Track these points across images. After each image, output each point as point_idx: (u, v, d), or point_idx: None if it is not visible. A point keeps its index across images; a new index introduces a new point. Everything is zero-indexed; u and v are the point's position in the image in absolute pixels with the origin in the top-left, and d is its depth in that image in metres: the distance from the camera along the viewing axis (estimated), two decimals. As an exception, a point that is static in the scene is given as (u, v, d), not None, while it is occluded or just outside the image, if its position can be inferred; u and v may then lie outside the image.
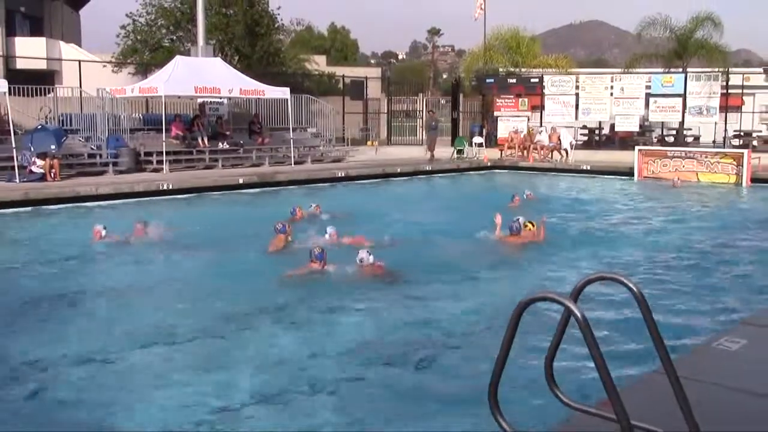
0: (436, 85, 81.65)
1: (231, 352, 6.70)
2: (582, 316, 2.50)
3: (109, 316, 7.86)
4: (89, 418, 5.28)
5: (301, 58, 39.64)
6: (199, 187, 18.79)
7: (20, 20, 40.81)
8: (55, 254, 11.02)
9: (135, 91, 22.39)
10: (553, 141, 26.38)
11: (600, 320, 7.04)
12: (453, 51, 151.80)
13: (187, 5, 30.39)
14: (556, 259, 10.92)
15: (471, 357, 6.53)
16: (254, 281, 9.19)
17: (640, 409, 3.31)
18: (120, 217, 14.34)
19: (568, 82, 28.78)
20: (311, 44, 62.93)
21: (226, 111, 25.83)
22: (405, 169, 24.03)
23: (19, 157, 17.79)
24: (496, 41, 34.62)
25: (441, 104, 40.04)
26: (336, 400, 5.61)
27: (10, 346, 6.77)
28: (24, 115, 21.37)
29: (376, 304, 8.29)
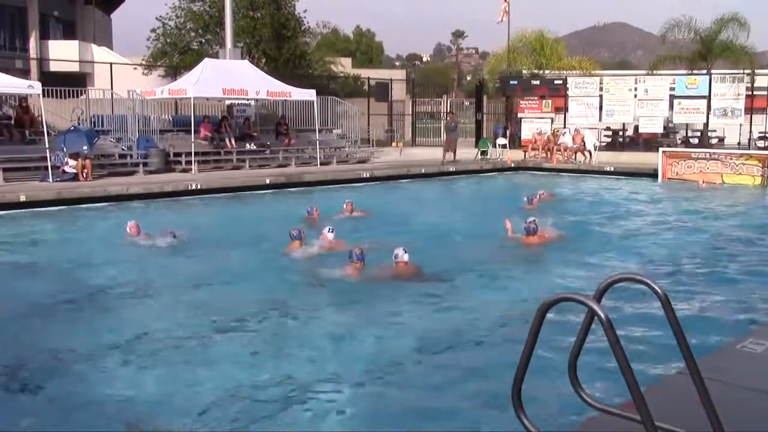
0: (460, 87, 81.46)
1: (260, 349, 6.85)
2: (606, 317, 2.49)
3: (141, 314, 8.06)
4: (125, 410, 5.44)
5: (327, 60, 39.82)
6: (226, 188, 19.04)
7: (54, 24, 41.48)
8: (87, 252, 11.24)
9: (165, 93, 22.71)
10: (577, 142, 26.32)
11: (624, 321, 7.10)
12: (477, 53, 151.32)
13: (215, 9, 30.70)
14: (580, 260, 10.95)
15: (494, 357, 6.63)
16: (276, 281, 9.37)
17: (664, 409, 3.29)
18: (149, 216, 14.60)
19: (591, 84, 28.69)
20: (337, 47, 63.11)
21: (253, 112, 26.08)
22: (429, 170, 24.13)
23: (52, 157, 18.14)
24: (520, 43, 34.57)
25: (465, 106, 40.01)
26: (361, 398, 5.74)
27: (43, 342, 6.96)
28: (57, 116, 21.75)
29: (401, 303, 8.40)
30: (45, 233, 13.44)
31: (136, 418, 5.30)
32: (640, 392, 2.53)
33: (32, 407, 5.58)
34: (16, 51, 38.26)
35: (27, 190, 16.42)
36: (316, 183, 20.81)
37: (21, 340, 7.03)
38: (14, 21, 38.60)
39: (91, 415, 5.36)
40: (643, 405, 2.54)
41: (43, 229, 13.88)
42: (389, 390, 5.96)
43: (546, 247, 11.54)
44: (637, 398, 2.53)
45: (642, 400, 2.54)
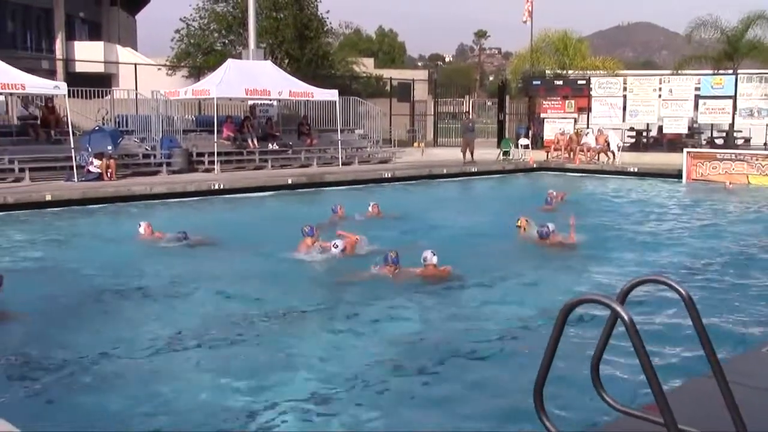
0: (483, 87, 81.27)
1: (281, 350, 6.87)
2: (629, 318, 2.48)
3: (164, 313, 8.12)
4: (142, 410, 5.50)
5: (349, 60, 39.91)
6: (249, 187, 19.14)
7: (79, 25, 41.97)
8: (109, 252, 11.35)
9: (188, 93, 22.88)
10: (600, 143, 26.15)
11: (647, 323, 7.06)
12: (500, 53, 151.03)
13: (239, 10, 30.89)
14: (602, 262, 10.91)
15: (516, 358, 6.62)
16: (299, 280, 9.42)
17: (688, 412, 3.27)
18: (171, 216, 14.73)
19: (615, 84, 28.49)
20: (359, 47, 63.25)
21: (275, 113, 26.21)
22: (451, 171, 24.11)
23: (77, 157, 18.34)
24: (543, 43, 34.41)
25: (487, 106, 39.94)
26: (384, 398, 5.76)
27: (67, 339, 7.04)
28: (82, 116, 21.99)
29: (427, 304, 8.43)
30: (69, 232, 13.57)
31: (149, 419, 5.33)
32: (663, 394, 2.51)
33: (54, 404, 5.64)
34: (43, 52, 38.74)
35: (52, 189, 16.61)
36: (338, 183, 20.86)
37: (44, 337, 7.10)
38: (41, 22, 39.09)
39: (109, 415, 5.42)
40: (666, 407, 2.52)
41: (68, 228, 14.03)
42: (415, 387, 5.98)
43: (567, 249, 11.46)
44: (661, 400, 2.51)
45: (665, 402, 2.52)
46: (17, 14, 37.89)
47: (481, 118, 38.75)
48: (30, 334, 7.23)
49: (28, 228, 13.74)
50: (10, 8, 37.13)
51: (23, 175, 17.95)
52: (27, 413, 5.22)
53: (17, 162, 18.11)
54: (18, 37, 37.76)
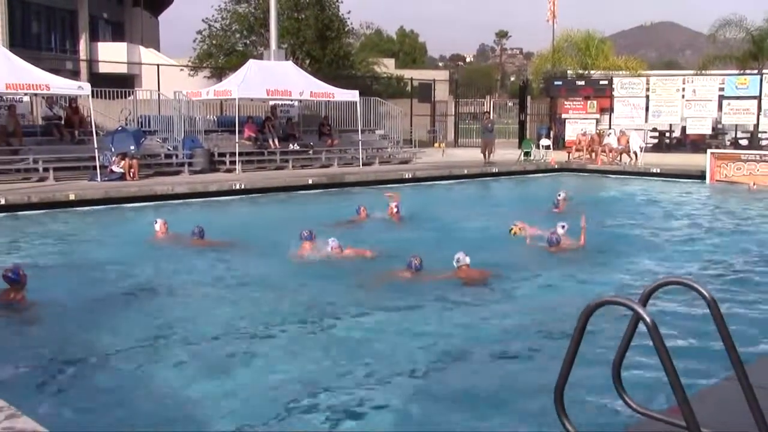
0: (504, 88, 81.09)
1: (300, 350, 6.92)
2: (651, 320, 2.48)
3: (182, 313, 8.15)
4: (161, 407, 5.54)
5: (370, 61, 40.02)
6: (270, 188, 19.21)
7: (103, 26, 42.40)
8: (131, 250, 11.40)
9: (210, 93, 23.02)
10: (622, 144, 25.97)
11: (670, 325, 7.00)
12: (521, 53, 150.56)
13: (260, 11, 31.04)
14: (624, 264, 10.83)
15: (537, 360, 6.60)
16: (314, 282, 9.43)
17: (711, 416, 3.27)
18: (190, 215, 14.81)
19: (638, 85, 28.28)
20: (380, 47, 63.37)
21: (296, 113, 26.29)
22: (471, 171, 24.05)
23: (100, 157, 18.50)
24: (565, 43, 34.25)
25: (508, 107, 39.83)
26: (403, 398, 5.76)
27: (87, 338, 7.10)
28: (106, 116, 22.20)
29: (441, 306, 8.41)
30: (92, 232, 13.70)
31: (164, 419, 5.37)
32: (686, 398, 2.50)
33: (75, 402, 5.69)
34: (67, 53, 39.18)
35: (76, 189, 16.78)
36: (358, 183, 20.88)
37: (65, 335, 7.16)
38: (65, 23, 39.54)
39: (129, 411, 5.46)
40: (689, 411, 2.51)
41: (91, 227, 14.17)
42: (435, 388, 5.99)
43: (586, 251, 11.38)
44: (683, 404, 2.50)
45: (688, 405, 2.51)
46: (42, 15, 38.34)
47: (502, 118, 38.68)
48: (52, 332, 7.30)
49: (51, 227, 13.88)
50: (34, 9, 37.58)
51: (47, 175, 18.14)
52: (51, 412, 5.27)
53: (41, 162, 18.30)
54: (42, 38, 38.22)
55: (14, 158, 18.54)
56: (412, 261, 9.35)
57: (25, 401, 4.70)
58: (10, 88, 17.62)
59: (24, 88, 18.13)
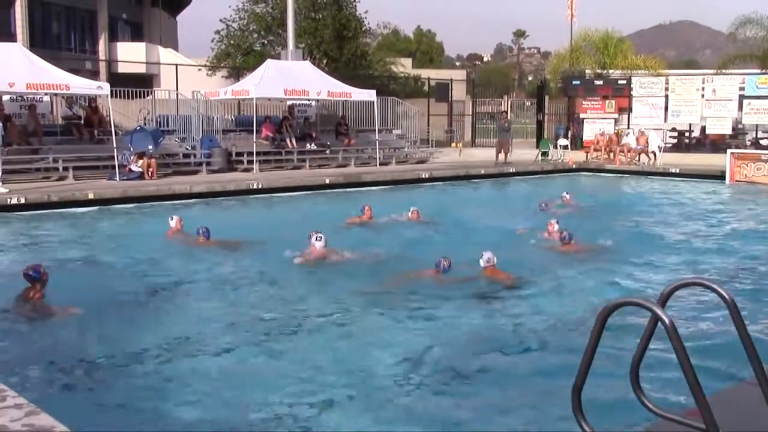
0: (521, 87, 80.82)
1: (317, 352, 6.92)
2: (670, 322, 2.47)
3: (200, 312, 8.19)
4: (176, 408, 5.56)
5: (387, 60, 39.95)
6: (287, 187, 19.27)
7: (122, 26, 42.73)
8: (149, 249, 11.46)
9: (228, 93, 23.12)
10: (641, 143, 25.81)
11: (688, 327, 6.96)
12: (538, 53, 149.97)
13: (278, 11, 31.13)
14: (642, 265, 10.77)
15: (554, 360, 6.58)
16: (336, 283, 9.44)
17: (730, 418, 3.23)
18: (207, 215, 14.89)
19: (657, 84, 28.09)
20: (397, 47, 63.31)
21: (314, 113, 26.34)
22: (489, 171, 23.99)
23: (119, 156, 18.64)
24: (584, 42, 34.06)
25: (526, 106, 39.67)
26: (421, 398, 5.78)
27: (106, 337, 7.15)
28: (124, 116, 22.34)
29: (462, 306, 8.41)
30: (111, 230, 13.78)
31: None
32: (704, 399, 2.49)
33: (93, 400, 5.74)
34: (86, 53, 39.52)
35: (95, 188, 16.91)
36: (375, 183, 20.90)
37: (85, 334, 7.21)
38: (84, 23, 39.88)
39: (144, 410, 5.50)
40: (707, 412, 2.50)
41: (109, 226, 14.26)
42: (451, 387, 6.00)
43: (605, 253, 11.32)
44: (702, 405, 2.49)
45: (707, 407, 2.50)
46: (62, 16, 38.70)
47: (520, 118, 38.53)
48: (70, 330, 7.34)
49: (71, 225, 14.00)
50: (54, 10, 37.93)
51: (67, 174, 18.30)
52: (70, 409, 5.31)
53: (61, 161, 18.46)
54: (63, 39, 38.59)
55: (34, 157, 18.71)
56: (441, 262, 9.31)
57: (45, 398, 4.75)
58: (31, 87, 17.79)
59: (44, 88, 18.29)
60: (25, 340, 7.05)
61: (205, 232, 11.65)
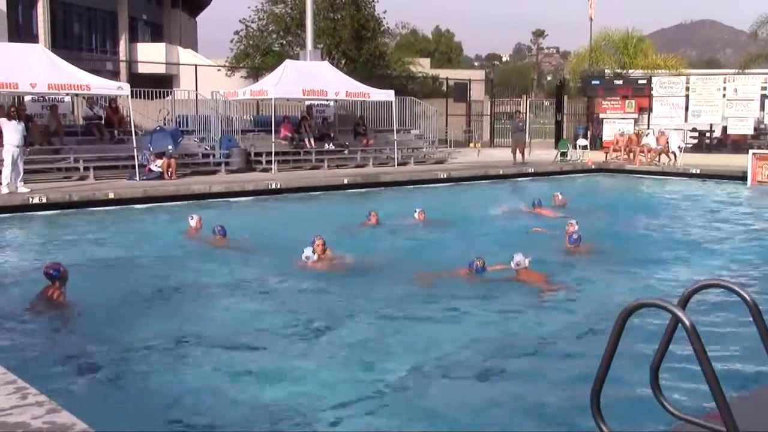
0: (540, 87, 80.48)
1: (342, 349, 6.95)
2: (691, 324, 2.45)
3: (220, 311, 8.24)
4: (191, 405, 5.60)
5: (405, 60, 39.91)
6: (305, 187, 19.31)
7: (142, 27, 43.04)
8: (169, 248, 11.60)
9: (247, 93, 23.21)
10: (661, 144, 25.62)
11: (709, 329, 6.89)
12: (557, 53, 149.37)
13: (297, 11, 31.20)
14: (661, 266, 10.70)
15: (573, 362, 6.54)
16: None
17: (751, 421, 3.20)
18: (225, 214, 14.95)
19: (677, 84, 27.86)
20: (416, 47, 63.25)
21: (332, 113, 26.39)
22: (507, 171, 23.91)
23: (139, 156, 18.78)
24: (603, 42, 33.86)
25: (545, 106, 39.47)
26: (443, 396, 5.78)
27: (126, 335, 7.20)
28: (144, 116, 22.48)
29: (485, 306, 8.39)
30: (131, 229, 13.87)
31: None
32: (725, 402, 2.47)
33: (113, 398, 5.78)
34: (107, 53, 39.86)
35: (115, 187, 17.04)
36: (393, 183, 20.90)
37: (105, 332, 7.27)
38: (105, 24, 40.22)
39: (163, 408, 5.53)
40: (728, 416, 2.48)
41: (129, 225, 14.36)
42: (472, 387, 6.01)
43: (623, 254, 11.25)
44: (723, 408, 2.47)
45: (728, 410, 2.47)
46: (83, 17, 39.06)
47: (539, 118, 38.32)
48: (91, 328, 7.41)
49: (92, 225, 14.11)
50: (76, 11, 38.29)
51: (88, 174, 18.45)
52: (90, 407, 5.35)
53: (82, 161, 18.63)
54: (84, 39, 38.94)
55: (56, 157, 18.89)
56: (474, 262, 9.29)
57: (65, 396, 4.79)
58: (52, 88, 17.96)
59: (65, 89, 18.46)
60: (47, 338, 7.11)
61: (221, 230, 11.72)
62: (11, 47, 19.68)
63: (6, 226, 13.52)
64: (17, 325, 7.32)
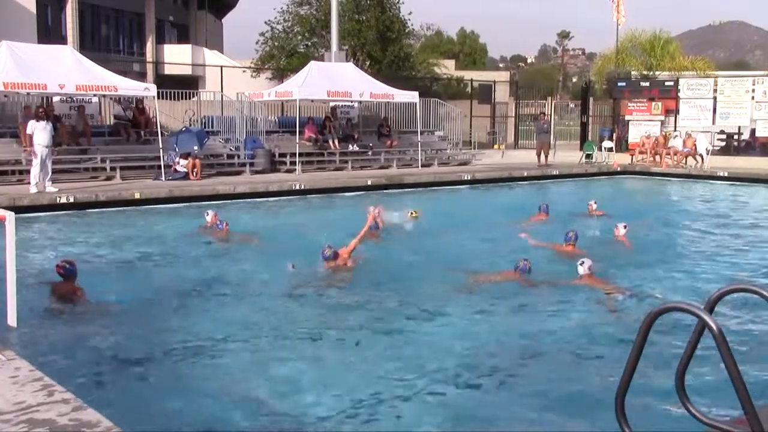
0: (565, 89, 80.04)
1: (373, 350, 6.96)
2: (718, 328, 2.40)
3: (247, 311, 8.27)
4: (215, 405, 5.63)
5: (430, 62, 39.96)
6: (329, 188, 19.36)
7: (169, 29, 43.47)
8: (193, 248, 11.70)
9: (271, 95, 23.32)
10: (688, 146, 25.37)
11: (737, 333, 6.81)
12: (583, 54, 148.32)
13: (322, 12, 31.33)
14: (688, 269, 10.59)
15: (598, 366, 6.50)
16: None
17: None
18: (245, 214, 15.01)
19: (705, 86, 27.58)
20: (441, 48, 63.23)
21: (356, 114, 26.43)
22: (531, 173, 23.80)
23: (165, 156, 18.93)
24: (630, 44, 33.61)
25: (570, 108, 39.28)
26: (476, 395, 5.77)
27: (150, 333, 7.27)
28: (170, 117, 22.68)
29: (508, 308, 8.36)
30: (156, 229, 13.97)
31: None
32: (753, 408, 2.43)
33: (138, 395, 5.83)
34: (134, 55, 40.27)
35: (141, 187, 17.20)
36: (417, 185, 20.89)
37: (129, 331, 7.33)
38: (132, 26, 40.67)
39: (185, 407, 5.56)
40: (756, 422, 2.43)
41: (155, 225, 14.48)
42: (495, 388, 6.02)
43: (649, 255, 11.14)
44: (750, 414, 2.42)
45: (755, 416, 2.43)
46: (111, 19, 39.54)
47: (564, 120, 38.16)
48: (116, 327, 7.44)
49: (118, 224, 14.24)
50: (104, 13, 38.77)
51: (114, 174, 18.64)
52: (115, 405, 5.40)
53: (109, 161, 18.82)
54: (111, 41, 39.40)
55: (83, 157, 19.11)
56: (521, 263, 9.28)
57: (91, 394, 4.84)
58: (80, 89, 18.16)
59: (93, 90, 18.67)
60: (72, 337, 7.17)
61: (222, 224, 12.23)
62: (40, 48, 19.91)
63: (34, 224, 13.67)
64: (43, 323, 7.40)
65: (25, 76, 17.23)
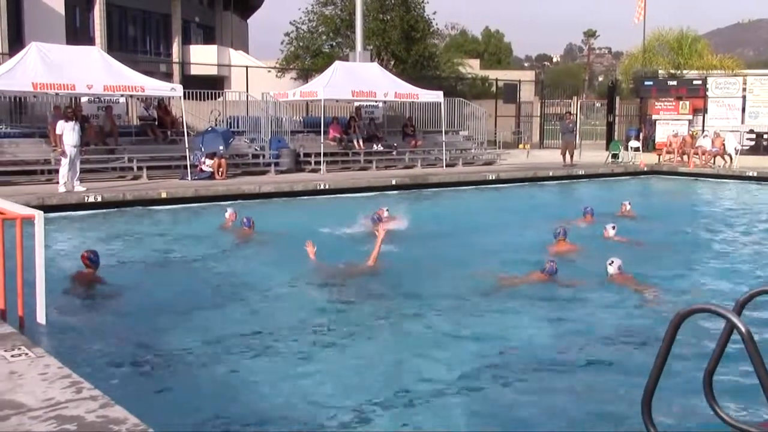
0: (591, 88, 79.42)
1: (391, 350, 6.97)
2: (746, 330, 2.39)
3: (268, 311, 8.29)
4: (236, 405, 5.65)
5: (455, 62, 39.86)
6: (354, 188, 19.39)
7: (195, 29, 43.81)
8: (219, 247, 11.75)
9: (296, 95, 23.40)
10: (717, 146, 25.06)
11: (765, 335, 6.71)
12: (609, 53, 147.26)
13: (346, 12, 31.40)
14: (716, 271, 10.46)
15: (625, 367, 6.44)
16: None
17: (808, 431, 3.16)
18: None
19: (734, 85, 27.25)
20: (465, 48, 63.07)
21: (380, 114, 26.45)
22: (557, 173, 23.66)
23: (191, 156, 19.08)
24: (657, 42, 33.24)
25: (596, 107, 38.97)
26: (496, 397, 5.76)
27: (177, 330, 7.31)
28: (196, 117, 22.86)
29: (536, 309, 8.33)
30: (183, 228, 14.10)
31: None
32: (783, 411, 2.39)
33: (164, 392, 5.88)
34: (161, 55, 40.63)
35: (167, 187, 17.35)
36: (441, 185, 20.85)
37: (157, 328, 7.39)
38: (159, 27, 41.04)
39: (213, 405, 5.60)
40: (786, 425, 2.39)
41: (181, 224, 14.59)
42: (519, 390, 5.96)
43: (679, 256, 11.03)
44: (780, 418, 2.39)
45: (785, 419, 2.39)
46: (138, 20, 39.92)
47: (590, 119, 37.87)
48: (144, 325, 7.50)
49: (144, 223, 14.38)
50: (131, 14, 39.17)
51: (141, 173, 18.83)
52: (142, 402, 5.45)
53: (136, 161, 19.02)
54: (138, 42, 39.79)
55: (110, 157, 19.33)
56: (548, 265, 9.24)
57: (119, 392, 4.88)
58: (108, 89, 18.35)
59: (121, 90, 18.86)
60: (100, 334, 7.22)
61: (247, 222, 12.24)
62: (69, 49, 20.15)
63: (63, 223, 13.83)
64: (72, 321, 7.48)
65: (54, 77, 17.45)
